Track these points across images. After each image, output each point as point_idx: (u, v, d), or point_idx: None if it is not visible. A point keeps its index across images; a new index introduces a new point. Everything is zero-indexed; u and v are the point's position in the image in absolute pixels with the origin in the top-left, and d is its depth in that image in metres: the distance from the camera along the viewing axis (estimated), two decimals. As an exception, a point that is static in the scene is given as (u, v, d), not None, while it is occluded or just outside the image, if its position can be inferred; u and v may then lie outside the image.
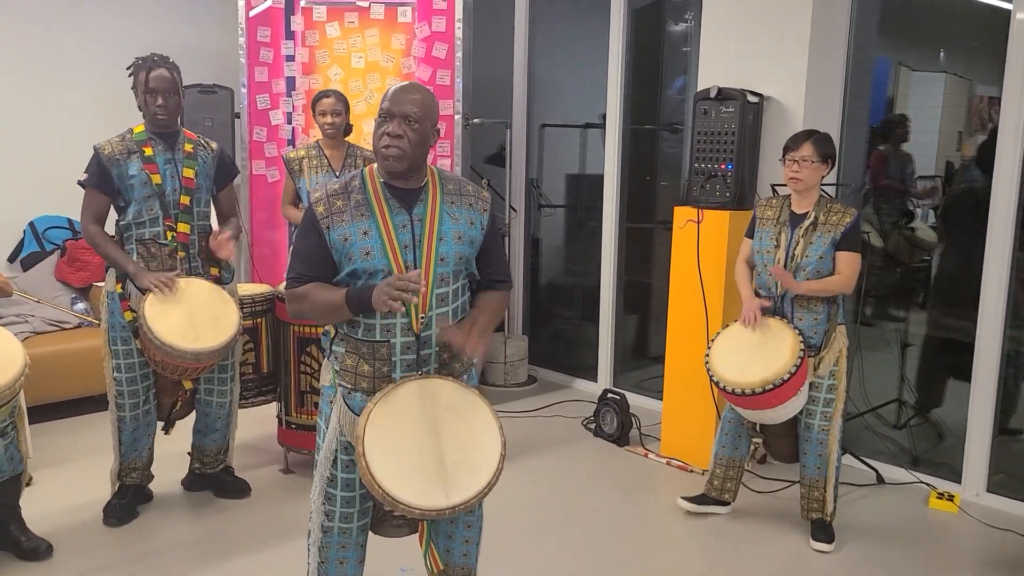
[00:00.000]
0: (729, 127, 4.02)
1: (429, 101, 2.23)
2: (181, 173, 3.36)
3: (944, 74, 4.77)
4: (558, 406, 5.17)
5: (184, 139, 3.41)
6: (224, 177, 3.56)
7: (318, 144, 4.24)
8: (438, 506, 2.08)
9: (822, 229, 3.29)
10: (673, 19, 5.35)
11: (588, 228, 5.75)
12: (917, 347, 4.63)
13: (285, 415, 3.96)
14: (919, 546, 3.49)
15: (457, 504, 2.09)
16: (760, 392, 3.15)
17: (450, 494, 2.09)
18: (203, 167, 3.44)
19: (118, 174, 3.27)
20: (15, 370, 2.82)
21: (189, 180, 3.38)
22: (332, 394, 2.33)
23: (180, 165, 3.36)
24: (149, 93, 3.26)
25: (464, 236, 2.28)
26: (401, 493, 2.07)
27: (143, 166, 3.28)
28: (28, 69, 5.16)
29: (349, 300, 2.17)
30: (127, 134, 3.34)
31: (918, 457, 4.25)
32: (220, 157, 3.53)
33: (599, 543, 3.47)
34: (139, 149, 3.30)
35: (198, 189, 3.41)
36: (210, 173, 3.47)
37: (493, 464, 2.16)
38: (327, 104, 4.12)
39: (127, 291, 3.33)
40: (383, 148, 2.18)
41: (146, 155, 3.30)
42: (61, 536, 3.32)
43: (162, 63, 3.30)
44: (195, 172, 3.40)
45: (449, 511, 2.09)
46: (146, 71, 3.27)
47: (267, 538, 3.40)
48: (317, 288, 2.23)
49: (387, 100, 2.20)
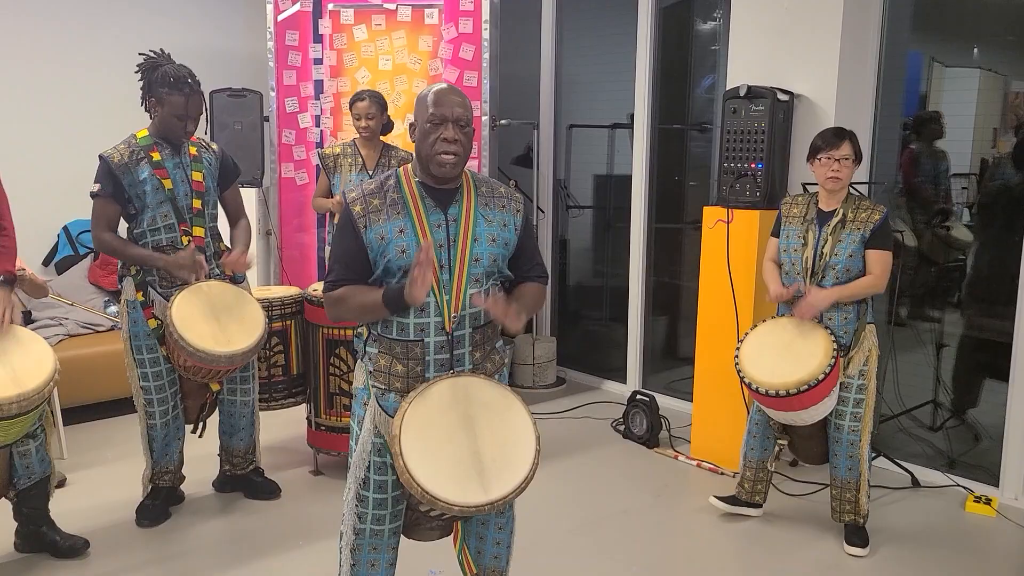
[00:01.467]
0: (759, 126, 3.97)
1: (468, 103, 2.25)
2: (190, 177, 3.36)
3: (978, 70, 4.68)
4: (587, 407, 5.15)
5: (188, 142, 3.40)
6: (229, 178, 3.56)
7: (354, 142, 4.26)
8: (477, 502, 2.08)
9: (851, 226, 3.24)
10: (701, 17, 5.31)
11: (616, 229, 5.72)
12: (952, 347, 4.55)
13: (314, 417, 3.97)
14: (956, 551, 3.42)
15: (496, 500, 2.09)
16: (794, 393, 3.11)
17: (488, 490, 2.09)
18: (209, 169, 3.44)
19: (129, 182, 3.24)
20: (45, 375, 2.84)
21: (199, 183, 3.37)
22: (366, 396, 2.33)
23: (189, 169, 3.36)
24: (188, 119, 3.25)
25: (498, 238, 2.28)
26: (440, 491, 2.07)
27: (153, 171, 3.26)
28: (62, 75, 5.24)
29: (386, 299, 2.18)
30: (131, 139, 3.30)
31: (954, 459, 4.17)
32: (223, 158, 3.54)
33: (630, 546, 3.45)
34: (147, 154, 3.27)
35: (207, 192, 3.41)
36: (215, 175, 3.48)
37: (529, 459, 2.16)
38: (361, 108, 4.14)
39: (149, 299, 3.33)
40: (440, 155, 2.17)
41: (155, 160, 3.27)
42: (95, 536, 3.35)
43: (197, 88, 3.25)
44: (203, 175, 3.39)
45: (488, 507, 2.09)
46: (185, 96, 3.21)
47: (297, 539, 3.41)
48: (354, 290, 2.25)
49: (433, 104, 2.18)
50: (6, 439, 2.89)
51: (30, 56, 5.14)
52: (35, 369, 2.83)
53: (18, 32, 5.07)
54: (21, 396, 2.74)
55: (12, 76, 5.07)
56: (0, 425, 2.77)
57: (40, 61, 5.17)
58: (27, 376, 2.79)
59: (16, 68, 5.07)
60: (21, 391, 2.74)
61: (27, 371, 2.80)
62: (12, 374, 2.77)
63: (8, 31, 5.04)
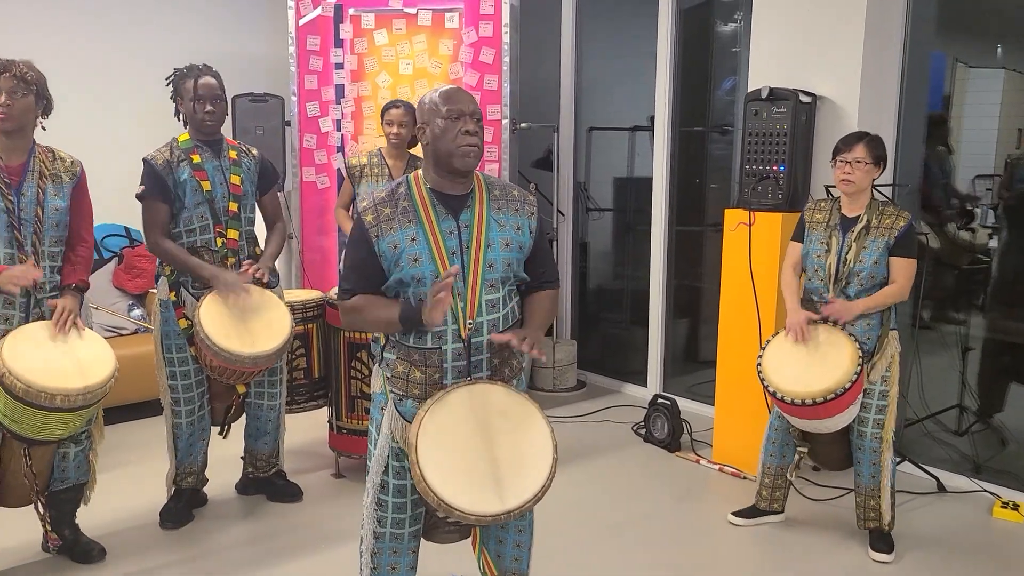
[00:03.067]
0: (781, 128, 3.95)
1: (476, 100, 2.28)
2: (229, 180, 3.40)
3: (1003, 70, 4.63)
4: (607, 411, 5.13)
5: (228, 147, 3.46)
6: (267, 182, 3.60)
7: (380, 152, 4.25)
8: (493, 511, 2.07)
9: (875, 233, 3.20)
10: (722, 19, 5.28)
11: (637, 231, 5.70)
12: (977, 350, 4.50)
13: (336, 420, 3.99)
14: (983, 557, 3.38)
15: (512, 509, 2.08)
16: (821, 402, 3.07)
17: (504, 499, 2.08)
18: (248, 173, 3.48)
19: (173, 182, 3.31)
20: (109, 369, 2.93)
21: (237, 187, 3.42)
22: (383, 401, 2.33)
23: (228, 172, 3.41)
24: (198, 100, 3.31)
25: (512, 242, 2.27)
26: (455, 499, 2.06)
27: (193, 173, 3.32)
28: (83, 81, 5.28)
29: (403, 319, 2.19)
30: (173, 143, 3.38)
31: (981, 464, 4.12)
32: (262, 163, 3.57)
33: (652, 551, 3.43)
34: (187, 157, 3.34)
35: (245, 195, 3.46)
36: (254, 179, 3.52)
37: (546, 468, 2.15)
38: (395, 115, 4.12)
39: (181, 299, 3.38)
40: (464, 147, 2.18)
41: (195, 162, 3.33)
42: (118, 537, 3.39)
43: (208, 71, 3.36)
44: (241, 179, 3.44)
45: (504, 516, 2.08)
46: (194, 79, 3.32)
47: (319, 542, 3.42)
48: (370, 302, 2.26)
49: (446, 102, 2.20)
50: (65, 432, 2.96)
51: (50, 62, 5.17)
52: (99, 364, 2.92)
53: (37, 40, 5.13)
54: (87, 388, 2.82)
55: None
56: (63, 417, 2.84)
57: (60, 68, 5.19)
58: (92, 370, 2.89)
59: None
60: (87, 383, 2.83)
61: (92, 365, 2.90)
62: (78, 367, 2.86)
63: (26, 41, 5.10)
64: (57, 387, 2.76)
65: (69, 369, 2.84)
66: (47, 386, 2.74)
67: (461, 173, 2.23)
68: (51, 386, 2.75)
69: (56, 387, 2.76)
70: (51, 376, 2.77)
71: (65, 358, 2.87)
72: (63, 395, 2.77)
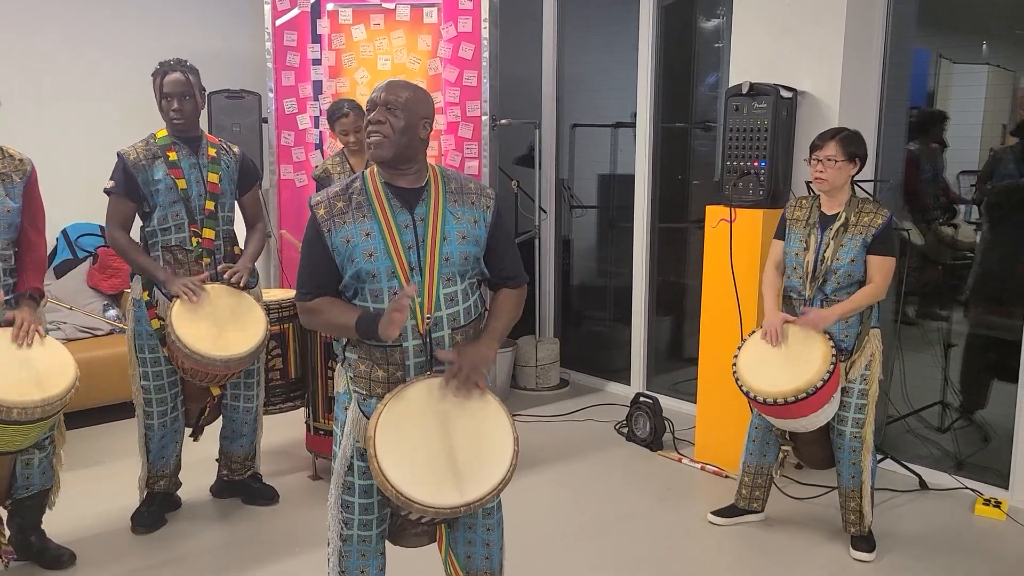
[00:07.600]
0: (762, 123, 3.91)
1: (417, 93, 2.22)
2: (206, 178, 3.34)
3: (987, 66, 4.61)
4: (590, 410, 5.09)
5: (207, 144, 3.39)
6: (248, 181, 3.54)
7: (343, 152, 4.20)
8: (452, 504, 2.06)
9: (853, 231, 3.16)
10: (704, 15, 5.25)
11: (620, 228, 5.67)
12: (960, 347, 4.49)
13: (313, 421, 3.94)
14: (965, 555, 3.36)
15: (472, 501, 2.07)
16: (792, 402, 3.05)
17: (464, 491, 2.07)
18: (227, 172, 3.42)
19: (143, 179, 3.25)
20: (67, 382, 2.85)
21: (214, 185, 3.36)
22: (347, 400, 2.30)
23: (205, 170, 3.35)
24: (164, 98, 3.26)
25: (468, 235, 2.24)
26: (414, 492, 2.04)
27: (168, 171, 3.26)
28: (58, 78, 5.21)
29: (359, 327, 2.16)
30: (150, 139, 3.32)
31: (963, 461, 4.11)
32: (243, 161, 3.51)
33: (633, 551, 3.40)
34: (163, 154, 3.28)
35: (223, 194, 3.40)
36: (234, 178, 3.45)
37: (507, 460, 2.14)
38: (347, 123, 4.04)
39: (154, 298, 3.32)
40: (367, 138, 2.18)
41: (171, 160, 3.28)
42: (89, 543, 3.32)
43: (177, 67, 3.28)
44: (219, 177, 3.38)
45: (464, 508, 2.07)
46: (160, 76, 3.26)
47: (295, 545, 3.37)
48: (328, 305, 2.23)
49: (372, 92, 2.21)
50: (23, 443, 2.89)
51: (26, 61, 5.11)
52: (58, 374, 2.85)
53: (14, 39, 5.05)
54: (45, 400, 2.75)
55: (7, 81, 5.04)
56: (20, 429, 2.77)
57: (35, 66, 5.15)
58: (50, 381, 2.81)
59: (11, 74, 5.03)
60: (46, 395, 2.76)
61: (50, 376, 2.82)
62: (36, 379, 2.78)
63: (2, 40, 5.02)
64: (13, 401, 2.67)
65: (27, 381, 2.75)
66: (3, 399, 2.66)
67: (381, 163, 2.20)
68: (8, 400, 2.67)
69: (12, 401, 2.67)
70: (7, 390, 2.69)
71: (23, 370, 2.77)
72: (20, 408, 2.68)
